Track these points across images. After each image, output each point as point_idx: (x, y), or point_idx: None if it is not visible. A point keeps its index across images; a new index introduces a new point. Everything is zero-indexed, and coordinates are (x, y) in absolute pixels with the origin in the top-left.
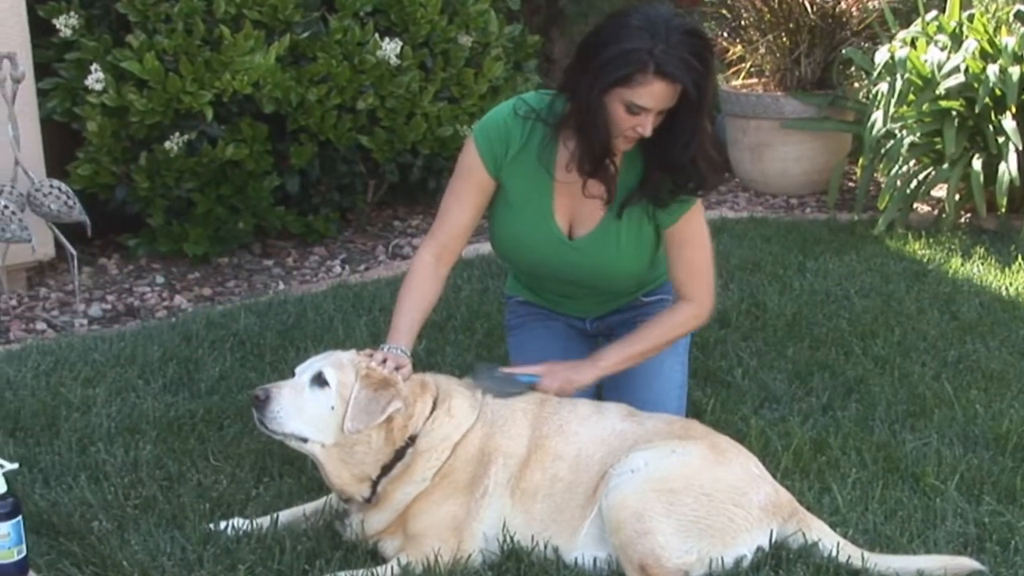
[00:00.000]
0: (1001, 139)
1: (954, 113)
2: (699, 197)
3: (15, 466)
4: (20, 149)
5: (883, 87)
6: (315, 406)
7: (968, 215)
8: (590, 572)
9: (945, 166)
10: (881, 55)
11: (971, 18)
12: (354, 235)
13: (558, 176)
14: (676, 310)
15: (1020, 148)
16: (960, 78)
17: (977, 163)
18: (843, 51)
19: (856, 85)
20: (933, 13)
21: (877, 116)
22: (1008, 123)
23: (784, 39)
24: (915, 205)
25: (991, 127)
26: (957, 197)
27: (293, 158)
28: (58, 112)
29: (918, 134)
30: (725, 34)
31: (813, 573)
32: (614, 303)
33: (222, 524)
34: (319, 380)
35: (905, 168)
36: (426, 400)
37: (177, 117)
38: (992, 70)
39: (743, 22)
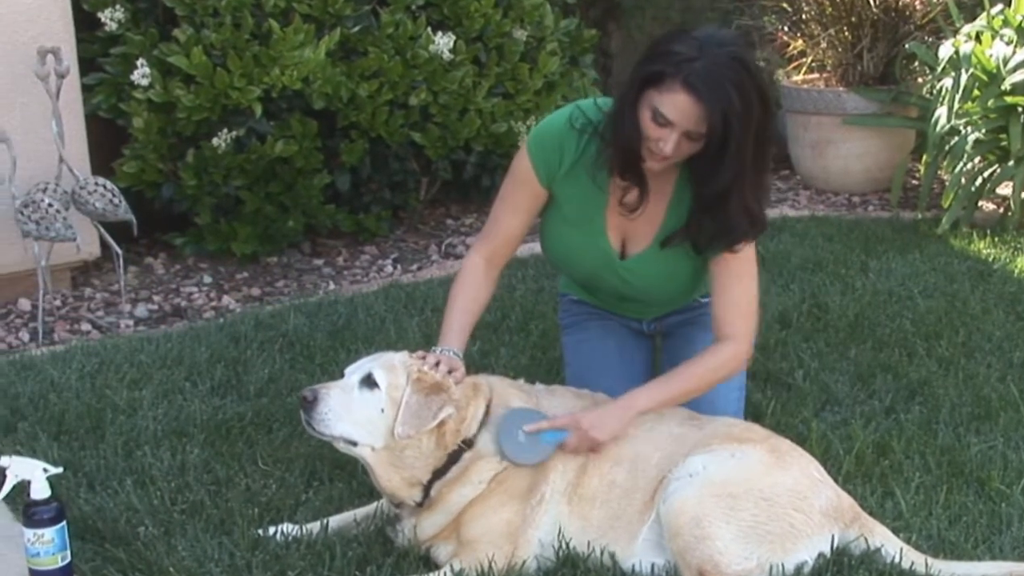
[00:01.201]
0: None
1: (1020, 109)
2: (732, 253)
3: (59, 470)
4: (65, 146)
5: (947, 82)
6: (364, 408)
7: None
8: None
9: (1011, 163)
10: (945, 50)
11: None
12: (406, 234)
13: (611, 191)
14: (715, 351)
15: None
16: None
17: None
18: (906, 46)
19: (919, 80)
20: (998, 7)
21: (941, 112)
22: None
23: (846, 33)
24: (980, 203)
25: None
26: (1023, 195)
27: (344, 155)
28: (103, 108)
29: (983, 130)
30: (786, 28)
31: None
32: (670, 306)
33: (271, 529)
34: (369, 382)
35: (970, 165)
36: (479, 403)
37: (225, 113)
38: None
39: (804, 16)
